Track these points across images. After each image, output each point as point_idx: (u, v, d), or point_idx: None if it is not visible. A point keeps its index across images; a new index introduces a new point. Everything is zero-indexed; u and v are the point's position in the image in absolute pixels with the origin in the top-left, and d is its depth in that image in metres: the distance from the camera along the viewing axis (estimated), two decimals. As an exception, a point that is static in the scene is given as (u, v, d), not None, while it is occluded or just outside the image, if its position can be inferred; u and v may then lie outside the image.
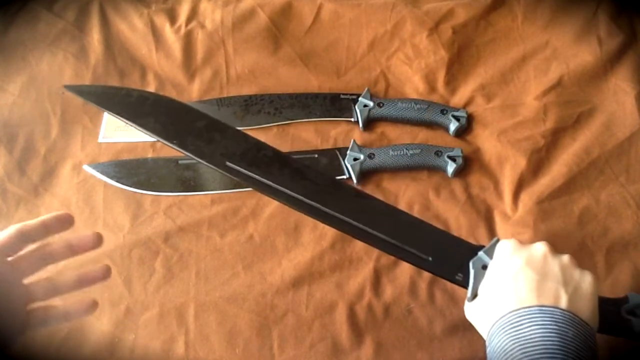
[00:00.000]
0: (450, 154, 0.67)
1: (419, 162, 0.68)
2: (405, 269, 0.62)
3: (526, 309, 0.43)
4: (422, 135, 0.73)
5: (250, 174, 0.50)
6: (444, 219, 0.66)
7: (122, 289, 0.62)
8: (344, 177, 0.69)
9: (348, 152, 0.69)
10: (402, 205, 0.67)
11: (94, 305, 0.48)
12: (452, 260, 0.50)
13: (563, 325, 0.41)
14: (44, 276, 0.62)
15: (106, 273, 0.49)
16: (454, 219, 0.65)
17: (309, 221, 0.66)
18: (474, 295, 0.49)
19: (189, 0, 0.83)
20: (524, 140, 0.69)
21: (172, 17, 0.82)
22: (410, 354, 0.58)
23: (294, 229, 0.66)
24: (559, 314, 0.42)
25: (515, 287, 0.45)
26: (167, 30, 0.80)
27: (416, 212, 0.66)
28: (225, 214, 0.67)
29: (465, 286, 0.49)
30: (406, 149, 0.68)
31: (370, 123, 0.73)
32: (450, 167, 0.67)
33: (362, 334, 0.59)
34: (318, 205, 0.50)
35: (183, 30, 0.80)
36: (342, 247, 0.64)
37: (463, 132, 0.72)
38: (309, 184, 0.51)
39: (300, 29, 0.81)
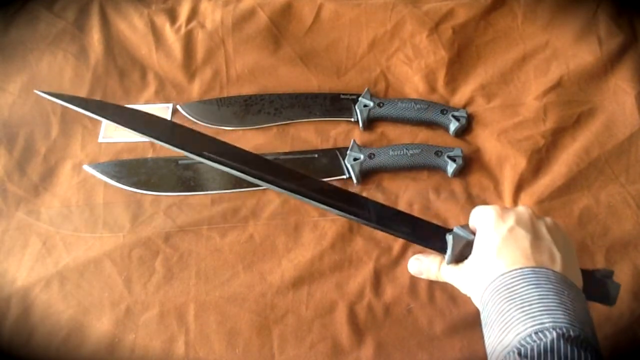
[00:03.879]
0: (450, 154, 0.67)
1: (419, 162, 0.68)
2: (405, 269, 0.62)
3: (519, 270, 0.42)
4: (422, 135, 0.73)
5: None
6: (443, 218, 0.66)
7: (122, 288, 0.62)
8: (344, 177, 0.69)
9: (348, 152, 0.69)
10: (402, 205, 0.67)
11: None
12: (431, 236, 0.52)
13: (558, 285, 0.41)
14: (46, 273, 0.62)
15: None
16: (454, 218, 0.65)
17: (309, 221, 0.66)
18: (453, 260, 0.49)
19: (189, 0, 0.83)
20: (524, 140, 0.69)
21: (172, 17, 0.82)
22: (410, 354, 0.58)
23: (294, 229, 0.65)
24: (552, 274, 0.41)
25: (509, 248, 0.44)
26: (167, 30, 0.80)
27: (416, 212, 0.66)
28: (225, 214, 0.67)
29: (443, 252, 0.51)
30: (406, 149, 0.68)
31: (370, 123, 0.73)
32: (450, 167, 0.67)
33: (362, 334, 0.59)
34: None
35: (183, 30, 0.80)
36: (342, 247, 0.64)
37: (463, 132, 0.72)
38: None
39: (300, 29, 0.81)
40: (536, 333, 0.38)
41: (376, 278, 0.62)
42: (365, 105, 0.72)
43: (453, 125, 0.71)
